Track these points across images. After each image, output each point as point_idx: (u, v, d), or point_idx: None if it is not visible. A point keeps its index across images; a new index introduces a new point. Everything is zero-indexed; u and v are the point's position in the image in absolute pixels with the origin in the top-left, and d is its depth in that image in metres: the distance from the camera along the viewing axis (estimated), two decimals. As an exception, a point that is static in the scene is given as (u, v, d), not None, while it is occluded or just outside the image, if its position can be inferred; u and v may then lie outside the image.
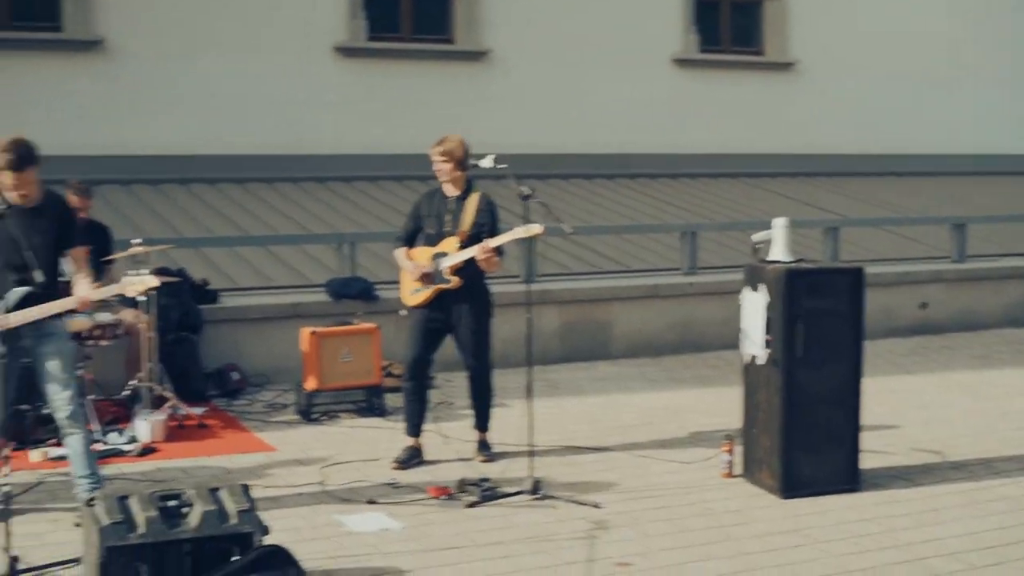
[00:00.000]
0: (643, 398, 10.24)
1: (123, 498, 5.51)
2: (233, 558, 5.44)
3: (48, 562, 5.91)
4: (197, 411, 9.29)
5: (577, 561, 6.03)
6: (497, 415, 8.35)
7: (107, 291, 6.87)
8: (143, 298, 8.75)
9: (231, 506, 5.57)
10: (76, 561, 5.76)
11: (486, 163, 7.69)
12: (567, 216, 13.83)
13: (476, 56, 16.24)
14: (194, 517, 5.48)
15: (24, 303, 6.51)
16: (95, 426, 8.28)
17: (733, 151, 17.51)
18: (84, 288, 6.64)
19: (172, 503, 5.53)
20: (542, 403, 9.83)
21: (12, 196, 6.50)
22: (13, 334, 6.40)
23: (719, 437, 7.90)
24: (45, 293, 6.58)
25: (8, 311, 6.46)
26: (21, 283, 6.55)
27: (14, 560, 5.63)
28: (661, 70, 17.30)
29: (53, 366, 6.65)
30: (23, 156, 6.44)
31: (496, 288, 8.08)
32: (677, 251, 13.22)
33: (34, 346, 6.65)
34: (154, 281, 6.93)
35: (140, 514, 5.41)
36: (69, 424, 6.69)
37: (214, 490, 5.65)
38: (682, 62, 17.40)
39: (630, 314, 12.22)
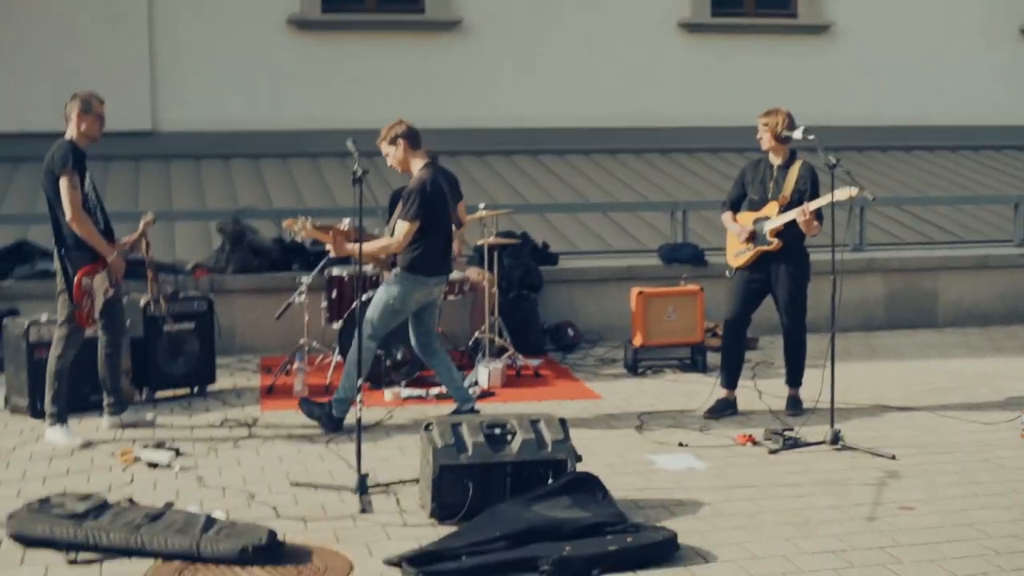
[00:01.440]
0: (960, 364, 10.44)
1: (456, 425, 6.33)
2: (548, 481, 6.17)
3: (392, 480, 6.79)
4: (533, 362, 10.13)
5: (863, 503, 6.45)
6: (812, 375, 8.71)
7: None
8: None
9: (548, 436, 6.30)
10: (416, 480, 6.60)
11: (797, 135, 8.15)
12: (894, 186, 14.11)
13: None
14: (516, 444, 6.23)
15: None
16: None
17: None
18: None
19: (497, 431, 6.30)
20: (859, 366, 10.24)
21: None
22: None
23: (1030, 402, 8.09)
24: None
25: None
26: None
27: (364, 477, 6.53)
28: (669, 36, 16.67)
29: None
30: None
31: (825, 256, 8.36)
32: (1010, 221, 13.17)
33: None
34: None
35: (469, 439, 6.20)
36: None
37: (534, 421, 6.39)
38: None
39: (958, 284, 12.34)
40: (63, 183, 7.54)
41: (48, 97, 13.56)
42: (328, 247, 8.32)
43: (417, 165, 8.05)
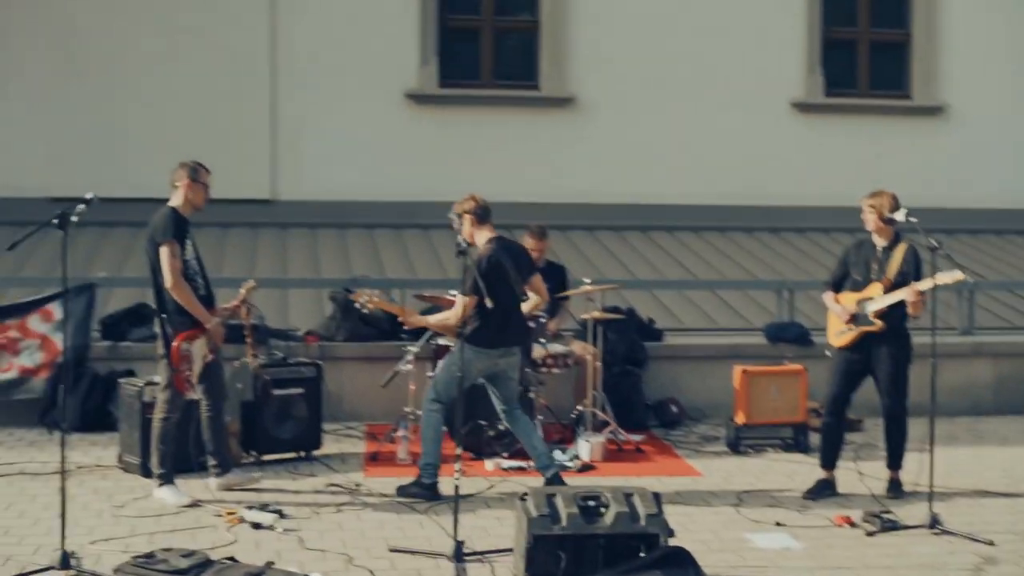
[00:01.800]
0: (1067, 451, 10.29)
1: (551, 496, 6.43)
2: (640, 554, 6.24)
3: (488, 549, 6.90)
4: (635, 437, 10.18)
5: (958, 588, 6.44)
6: (915, 458, 8.65)
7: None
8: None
9: (642, 509, 6.38)
10: (511, 550, 6.70)
11: (900, 216, 8.18)
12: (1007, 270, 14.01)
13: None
14: (609, 516, 6.32)
15: None
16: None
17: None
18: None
19: (591, 503, 6.40)
20: (964, 450, 10.16)
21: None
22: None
23: None
24: None
25: None
26: None
27: (460, 544, 6.66)
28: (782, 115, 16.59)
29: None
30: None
31: (928, 339, 8.31)
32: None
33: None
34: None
35: (563, 510, 6.31)
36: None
37: (628, 494, 6.47)
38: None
39: (1068, 368, 12.15)
40: (164, 251, 7.84)
41: (169, 165, 14.06)
42: (400, 319, 8.67)
43: (482, 239, 8.25)
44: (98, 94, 15.03)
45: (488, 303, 7.78)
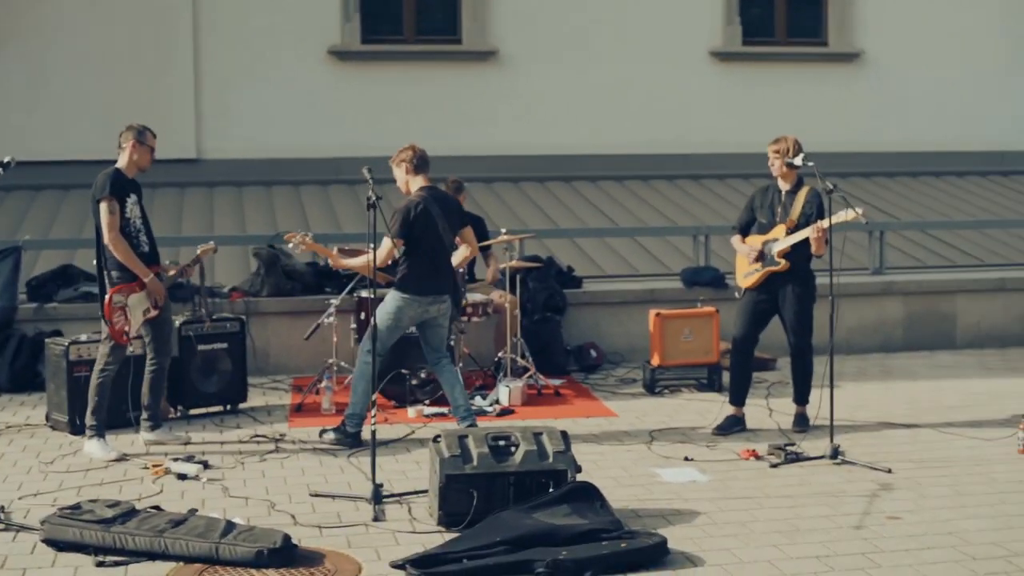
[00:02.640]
0: (972, 384, 10.69)
1: (463, 437, 6.69)
2: (549, 490, 6.51)
3: (407, 491, 7.15)
4: (555, 382, 10.47)
5: (853, 513, 6.74)
6: (822, 394, 8.93)
7: None
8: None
9: (550, 447, 6.65)
10: (427, 491, 6.95)
11: (798, 161, 8.47)
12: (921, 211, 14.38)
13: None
14: (519, 455, 6.58)
15: None
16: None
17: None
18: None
19: (501, 443, 6.65)
20: (872, 386, 10.53)
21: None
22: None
23: (1036, 420, 8.31)
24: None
25: None
26: None
27: (378, 487, 6.90)
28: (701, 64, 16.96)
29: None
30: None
31: (844, 279, 8.56)
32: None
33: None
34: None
35: (474, 450, 6.56)
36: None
37: (537, 434, 6.74)
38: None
39: (977, 306, 12.57)
40: (102, 208, 8.03)
41: (95, 126, 14.18)
42: (329, 261, 8.96)
43: (415, 187, 8.47)
44: (22, 56, 15.06)
45: (398, 247, 8.08)
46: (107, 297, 8.05)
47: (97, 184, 8.10)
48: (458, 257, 8.93)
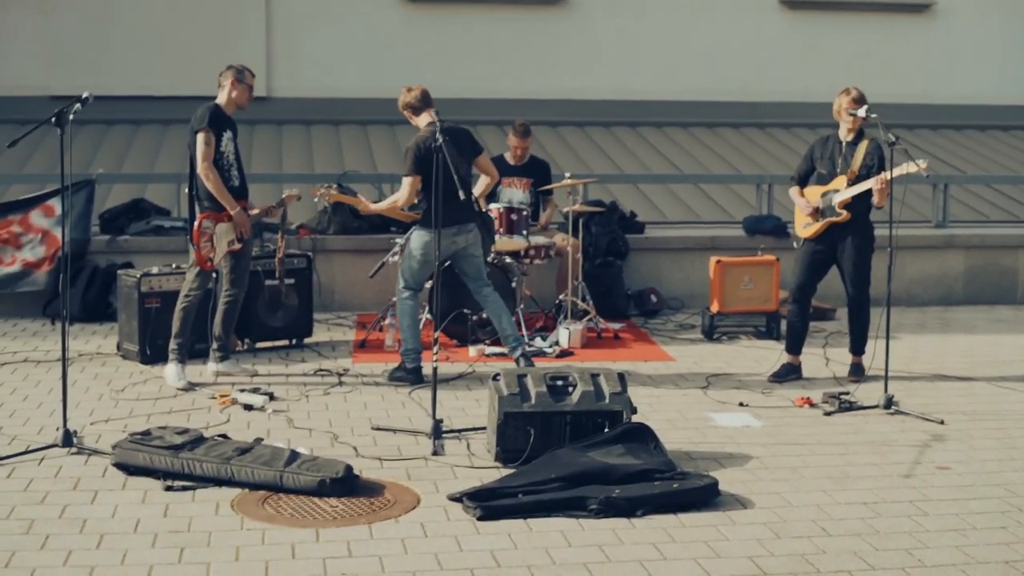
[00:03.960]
0: (1030, 339, 10.72)
1: (522, 376, 6.85)
2: (604, 430, 6.67)
3: (465, 427, 7.34)
4: (615, 325, 10.60)
5: (903, 463, 6.86)
6: (879, 344, 8.98)
7: None
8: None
9: (607, 389, 6.79)
10: (485, 428, 7.12)
11: (861, 112, 8.49)
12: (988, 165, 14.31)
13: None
14: (576, 395, 6.74)
15: None
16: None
17: None
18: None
19: (560, 383, 6.81)
20: (930, 338, 10.57)
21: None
22: None
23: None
24: None
25: None
26: None
27: (438, 422, 7.08)
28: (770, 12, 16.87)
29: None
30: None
31: (906, 232, 8.53)
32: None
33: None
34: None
35: (533, 389, 6.72)
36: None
37: (595, 375, 6.89)
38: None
39: (1039, 261, 12.54)
40: (199, 138, 8.33)
41: (166, 64, 14.41)
42: (359, 208, 9.35)
43: (423, 124, 8.60)
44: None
45: (416, 184, 8.42)
46: (196, 222, 8.32)
47: (196, 116, 8.40)
48: (480, 186, 9.09)
